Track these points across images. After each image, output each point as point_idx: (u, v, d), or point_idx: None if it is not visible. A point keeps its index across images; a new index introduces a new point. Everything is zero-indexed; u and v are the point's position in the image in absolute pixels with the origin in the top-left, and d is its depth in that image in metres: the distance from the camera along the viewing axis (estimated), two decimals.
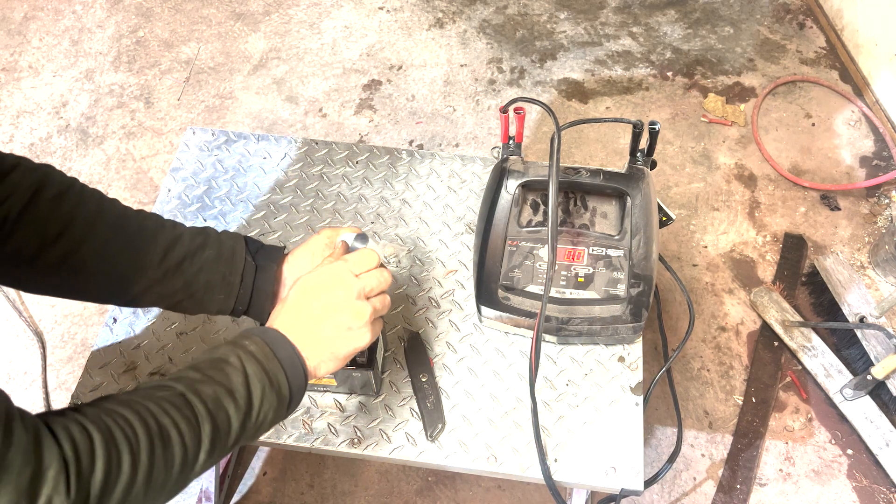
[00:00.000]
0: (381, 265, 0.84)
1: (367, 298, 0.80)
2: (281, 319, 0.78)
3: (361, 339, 0.79)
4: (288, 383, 0.74)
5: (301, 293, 0.79)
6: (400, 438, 1.05)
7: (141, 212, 0.91)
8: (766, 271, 1.99)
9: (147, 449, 0.62)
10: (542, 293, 1.05)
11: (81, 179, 0.88)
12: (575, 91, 2.44)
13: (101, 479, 0.58)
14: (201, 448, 0.67)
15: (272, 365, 0.73)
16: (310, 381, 0.79)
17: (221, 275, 0.90)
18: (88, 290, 0.88)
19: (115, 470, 0.59)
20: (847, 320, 1.75)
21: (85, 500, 0.57)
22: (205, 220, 1.28)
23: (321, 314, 0.77)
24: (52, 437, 0.56)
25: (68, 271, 0.83)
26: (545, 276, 1.10)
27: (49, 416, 0.59)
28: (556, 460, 1.03)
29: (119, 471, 0.59)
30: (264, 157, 1.38)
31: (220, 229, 0.97)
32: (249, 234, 1.09)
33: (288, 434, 1.05)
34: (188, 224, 0.94)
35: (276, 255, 0.94)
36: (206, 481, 1.56)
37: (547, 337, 1.12)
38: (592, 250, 1.17)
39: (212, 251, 0.90)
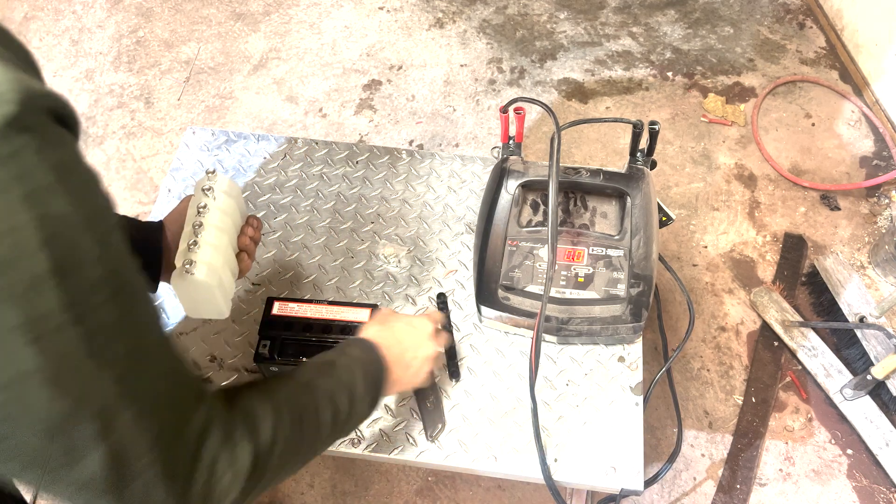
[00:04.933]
0: None
1: None
2: (393, 351, 0.87)
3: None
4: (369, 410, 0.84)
5: (414, 343, 0.92)
6: (400, 438, 1.05)
7: None
8: (766, 271, 1.99)
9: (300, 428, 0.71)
10: (542, 293, 1.05)
11: None
12: (575, 91, 2.44)
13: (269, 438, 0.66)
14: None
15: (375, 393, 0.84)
16: None
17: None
18: None
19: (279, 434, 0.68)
20: (847, 320, 1.75)
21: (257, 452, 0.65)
22: None
23: (419, 364, 0.91)
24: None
25: None
26: (545, 276, 1.10)
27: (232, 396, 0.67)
28: (556, 460, 1.03)
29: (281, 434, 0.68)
30: (264, 157, 1.38)
31: None
32: None
33: None
34: None
35: (156, 227, 0.99)
36: None
37: (547, 337, 1.12)
38: (592, 250, 1.17)
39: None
